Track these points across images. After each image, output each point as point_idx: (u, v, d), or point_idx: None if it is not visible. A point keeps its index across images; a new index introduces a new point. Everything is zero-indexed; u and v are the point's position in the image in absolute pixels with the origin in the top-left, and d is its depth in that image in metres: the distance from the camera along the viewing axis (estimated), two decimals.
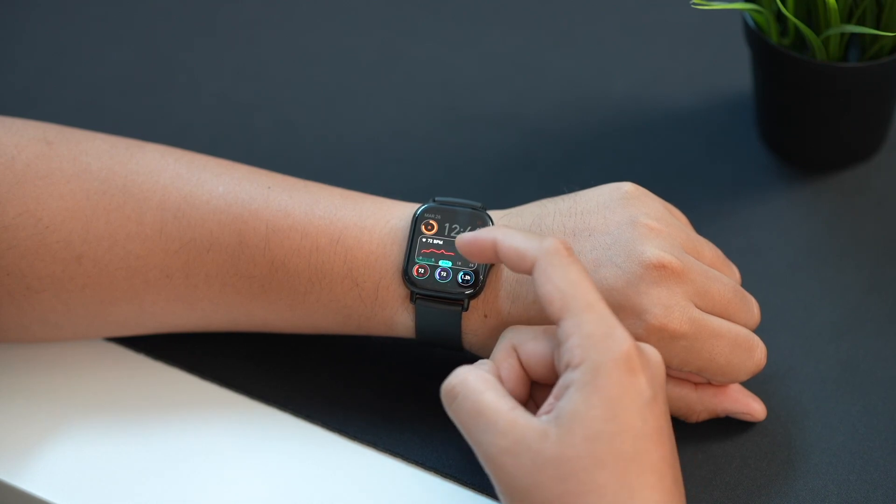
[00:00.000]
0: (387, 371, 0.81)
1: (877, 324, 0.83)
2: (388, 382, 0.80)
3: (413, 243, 0.75)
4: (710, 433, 0.78)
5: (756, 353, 0.75)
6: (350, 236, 0.76)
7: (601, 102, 0.97)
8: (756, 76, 0.91)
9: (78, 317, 0.77)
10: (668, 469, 0.66)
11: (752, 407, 0.78)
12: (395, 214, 0.77)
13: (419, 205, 0.77)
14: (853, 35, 0.87)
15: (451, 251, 0.75)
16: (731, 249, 0.84)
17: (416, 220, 0.76)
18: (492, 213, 0.77)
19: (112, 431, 0.78)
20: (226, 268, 0.76)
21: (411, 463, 0.77)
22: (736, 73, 0.97)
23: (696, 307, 0.74)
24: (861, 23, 0.85)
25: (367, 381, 0.80)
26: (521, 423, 0.66)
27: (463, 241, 0.72)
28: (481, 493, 0.76)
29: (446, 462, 0.77)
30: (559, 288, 0.68)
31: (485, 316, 0.75)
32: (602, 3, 1.04)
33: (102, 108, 0.98)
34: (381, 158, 0.94)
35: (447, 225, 0.76)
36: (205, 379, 0.81)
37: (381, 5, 1.04)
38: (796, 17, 0.85)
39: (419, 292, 0.74)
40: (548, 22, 1.03)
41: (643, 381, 0.66)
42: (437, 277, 0.75)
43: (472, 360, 0.76)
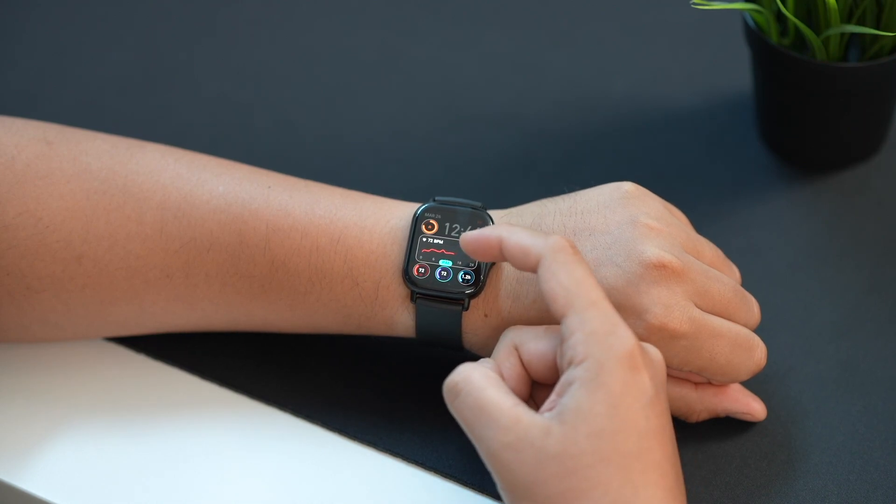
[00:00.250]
0: (387, 371, 0.81)
1: (877, 324, 0.83)
2: (388, 382, 0.80)
3: (413, 243, 0.75)
4: (710, 433, 0.78)
5: (756, 353, 0.75)
6: (350, 236, 0.76)
7: (601, 102, 0.97)
8: (756, 76, 0.91)
9: (78, 317, 0.77)
10: (670, 467, 0.66)
11: (753, 407, 0.77)
12: (395, 214, 0.76)
13: (419, 204, 0.77)
14: (853, 35, 0.87)
15: (452, 250, 0.75)
16: (731, 249, 0.84)
17: (417, 220, 0.76)
18: (492, 213, 0.77)
19: (112, 431, 0.78)
20: (226, 267, 0.76)
21: (411, 463, 0.77)
22: (736, 73, 0.97)
23: (697, 307, 0.74)
24: (861, 23, 0.85)
25: (367, 381, 0.80)
26: (524, 419, 0.66)
27: (467, 239, 0.72)
28: (481, 492, 0.76)
29: (446, 462, 0.77)
30: (563, 285, 0.68)
31: (485, 315, 0.75)
32: (602, 3, 1.04)
33: (102, 108, 0.98)
34: (381, 158, 0.94)
35: (447, 224, 0.76)
36: (205, 379, 0.81)
37: (381, 5, 1.04)
38: (796, 17, 0.85)
39: (419, 292, 0.74)
40: (548, 22, 1.03)
41: (646, 378, 0.66)
42: (438, 277, 0.75)
43: (472, 360, 0.76)
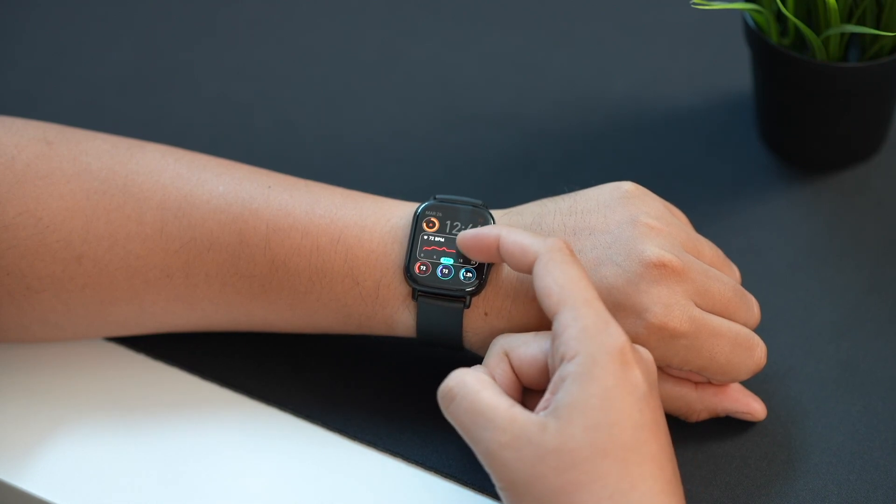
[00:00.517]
0: (387, 371, 0.81)
1: (877, 324, 0.83)
2: (388, 382, 0.80)
3: (415, 240, 0.75)
4: (710, 433, 0.78)
5: (756, 353, 0.75)
6: (351, 235, 0.76)
7: (601, 102, 0.97)
8: (756, 76, 0.91)
9: (78, 317, 0.77)
10: (667, 461, 0.66)
11: (753, 406, 0.77)
12: (395, 213, 0.76)
13: (419, 204, 0.77)
14: (853, 35, 0.87)
15: (453, 248, 0.75)
16: (731, 249, 0.84)
17: (418, 218, 0.76)
18: (492, 213, 0.77)
19: (112, 431, 0.78)
20: (226, 267, 0.76)
21: (411, 463, 0.77)
22: (736, 73, 0.97)
23: (697, 306, 0.74)
24: (861, 23, 0.85)
25: (367, 381, 0.80)
26: (520, 418, 0.67)
27: (465, 238, 0.72)
28: (481, 492, 0.76)
29: (446, 462, 0.77)
30: (558, 282, 0.68)
31: (485, 314, 0.75)
32: (602, 3, 1.04)
33: (102, 108, 0.98)
34: (381, 158, 0.94)
35: (448, 222, 0.76)
36: (205, 379, 0.81)
37: (381, 5, 1.04)
38: (796, 17, 0.85)
39: (421, 289, 0.74)
40: (548, 22, 1.03)
41: (638, 374, 0.67)
42: (439, 274, 0.75)
43: (472, 361, 0.76)
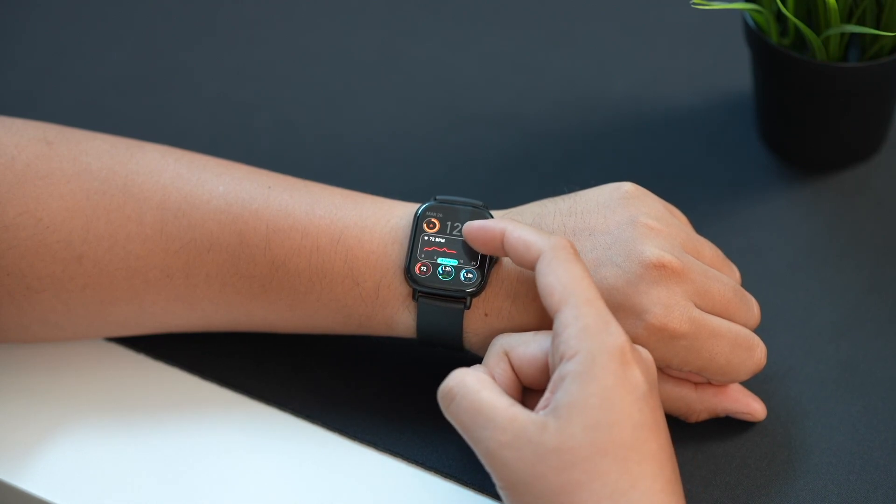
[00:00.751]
0: (387, 371, 0.81)
1: (877, 324, 0.83)
2: (388, 382, 0.80)
3: (415, 241, 0.75)
4: (710, 433, 0.78)
5: (756, 353, 0.75)
6: (351, 236, 0.76)
7: (601, 102, 0.97)
8: (756, 76, 0.91)
9: (78, 317, 0.77)
10: (666, 460, 0.67)
11: (753, 407, 0.77)
12: (395, 214, 0.76)
13: (419, 204, 0.77)
14: (853, 35, 0.87)
15: (454, 249, 0.75)
16: (731, 249, 0.84)
17: (418, 219, 0.76)
18: (492, 213, 0.77)
19: (112, 431, 0.78)
20: (226, 268, 0.76)
21: (411, 463, 0.77)
22: (736, 73, 0.97)
23: (696, 307, 0.74)
24: (861, 23, 0.85)
25: (367, 381, 0.80)
26: (520, 417, 0.67)
27: (471, 228, 0.73)
28: (481, 492, 0.76)
29: (446, 462, 0.77)
30: (561, 281, 0.69)
31: (485, 314, 0.75)
32: (602, 3, 1.04)
33: (102, 108, 0.98)
34: (381, 158, 0.94)
35: (449, 223, 0.76)
36: (205, 379, 0.81)
37: (381, 5, 1.04)
38: (796, 17, 0.85)
39: (421, 290, 0.74)
40: (548, 22, 1.03)
41: (637, 373, 0.67)
42: (440, 275, 0.75)
43: (472, 361, 0.76)
